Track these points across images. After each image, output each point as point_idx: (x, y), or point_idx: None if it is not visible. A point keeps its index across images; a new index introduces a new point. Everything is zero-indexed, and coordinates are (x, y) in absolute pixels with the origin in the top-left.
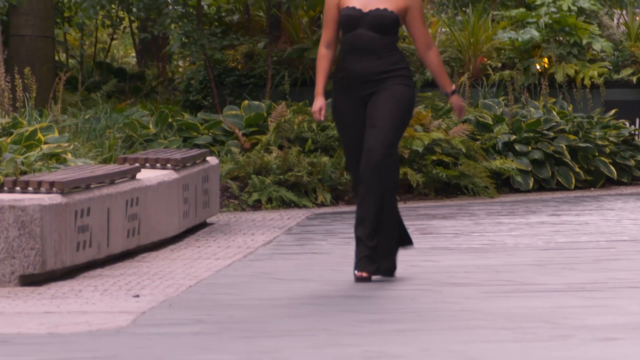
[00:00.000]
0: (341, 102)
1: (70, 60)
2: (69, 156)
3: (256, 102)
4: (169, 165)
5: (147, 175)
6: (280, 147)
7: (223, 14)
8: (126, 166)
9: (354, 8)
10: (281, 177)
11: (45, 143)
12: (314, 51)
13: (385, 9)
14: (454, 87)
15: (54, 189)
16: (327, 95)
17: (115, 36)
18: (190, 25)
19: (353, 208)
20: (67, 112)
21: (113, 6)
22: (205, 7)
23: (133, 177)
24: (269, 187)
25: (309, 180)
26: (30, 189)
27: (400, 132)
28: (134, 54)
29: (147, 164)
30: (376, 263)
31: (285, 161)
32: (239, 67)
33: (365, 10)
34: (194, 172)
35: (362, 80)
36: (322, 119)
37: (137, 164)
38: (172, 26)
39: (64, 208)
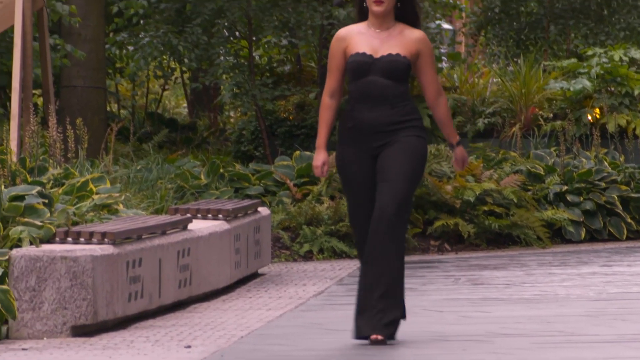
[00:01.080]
0: (349, 153)
1: (122, 111)
2: (121, 207)
3: (307, 153)
4: (220, 215)
5: (199, 226)
6: (332, 198)
7: (274, 65)
8: (178, 217)
9: (364, 54)
10: (332, 227)
11: (97, 194)
12: None
13: (397, 54)
14: (458, 138)
15: (106, 239)
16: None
17: (166, 87)
18: (242, 75)
19: (406, 258)
20: (119, 163)
21: (165, 57)
22: (257, 57)
23: (185, 228)
24: (320, 238)
25: None
26: (82, 239)
27: (413, 188)
28: (185, 105)
29: (199, 215)
30: (386, 325)
31: (337, 212)
32: (291, 117)
33: (377, 55)
34: (245, 223)
35: (374, 131)
36: (324, 174)
37: (188, 215)
38: (224, 77)
39: (116, 259)
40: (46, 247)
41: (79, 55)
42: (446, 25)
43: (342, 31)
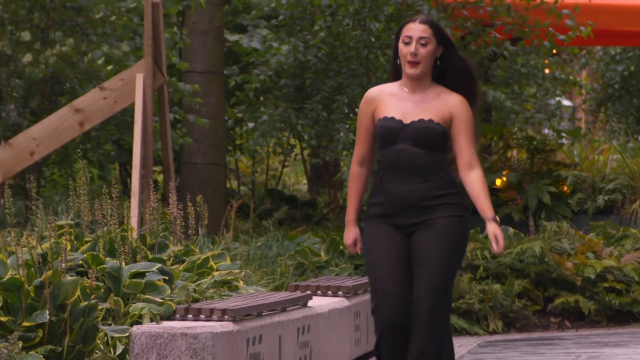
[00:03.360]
0: (377, 229)
1: (241, 188)
2: (241, 284)
3: None
4: (340, 292)
5: (319, 303)
6: None
7: None
8: (298, 294)
9: (392, 119)
10: (452, 304)
11: (217, 270)
12: (485, 178)
13: (430, 120)
14: (492, 214)
15: (226, 316)
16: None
17: (286, 163)
18: None
19: (526, 335)
20: (239, 240)
21: (284, 134)
22: None
23: (305, 305)
24: None
25: (480, 308)
26: (202, 316)
27: (453, 275)
28: (305, 181)
29: (319, 292)
30: None
31: (457, 289)
32: None
33: (407, 121)
34: (365, 300)
35: (405, 207)
36: (359, 251)
37: (308, 292)
38: (344, 153)
39: (236, 336)
40: (167, 323)
41: (203, 123)
42: (566, 102)
43: (373, 91)
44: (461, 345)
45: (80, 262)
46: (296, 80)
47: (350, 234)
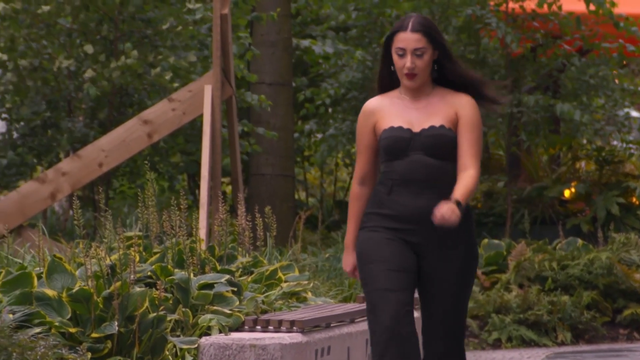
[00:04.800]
0: (379, 236)
1: (310, 199)
2: (309, 295)
3: (496, 241)
4: None
5: None
6: (520, 286)
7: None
8: (365, 304)
9: (400, 128)
10: (521, 315)
11: (286, 282)
12: (554, 189)
13: (442, 126)
14: (460, 199)
15: (295, 327)
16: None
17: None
18: None
19: (594, 347)
20: (307, 251)
21: (353, 146)
22: None
23: None
24: (509, 326)
25: (549, 319)
26: (270, 327)
27: (466, 304)
28: None
29: None
30: None
31: (525, 300)
32: (479, 205)
33: (416, 129)
34: None
35: (417, 222)
36: (359, 278)
37: None
38: None
39: (304, 347)
40: (235, 335)
41: (271, 136)
42: (635, 113)
43: (371, 102)
44: (530, 357)
45: (149, 273)
46: (363, 92)
47: (350, 259)
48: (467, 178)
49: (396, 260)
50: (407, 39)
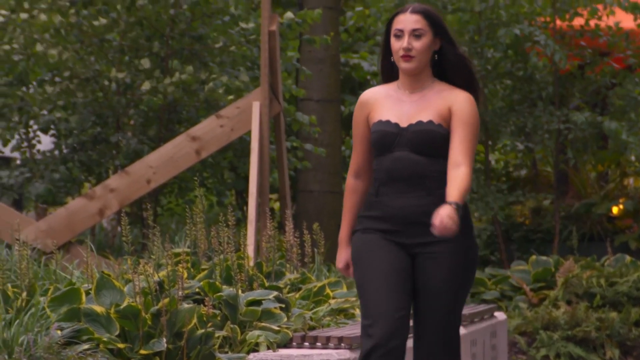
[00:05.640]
0: (372, 239)
1: None
2: (357, 311)
3: (544, 257)
4: None
5: None
6: (569, 303)
7: (510, 169)
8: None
9: (388, 122)
10: (569, 332)
11: (334, 298)
12: (602, 206)
13: (430, 122)
14: (457, 200)
15: (342, 344)
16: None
17: None
18: (478, 180)
19: None
20: None
21: None
22: (493, 162)
23: None
24: (557, 343)
25: (597, 336)
26: (318, 344)
27: (461, 308)
28: None
29: None
30: None
31: (574, 316)
32: (527, 222)
33: (404, 124)
34: (481, 328)
35: (406, 223)
36: (352, 276)
37: None
38: None
39: None
40: (283, 351)
41: (319, 152)
42: None
43: (367, 94)
44: None
45: (197, 289)
46: None
47: (343, 255)
48: (459, 177)
49: (389, 262)
50: (406, 20)
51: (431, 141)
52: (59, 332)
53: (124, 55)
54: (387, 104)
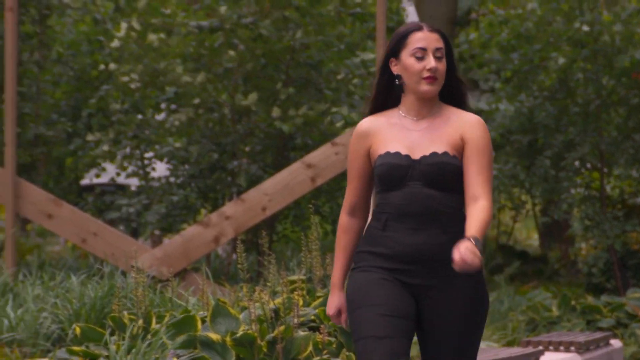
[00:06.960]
0: (373, 277)
1: None
2: None
3: None
4: (572, 348)
5: (551, 358)
6: None
7: (626, 197)
8: (530, 349)
9: (397, 154)
10: None
11: None
12: None
13: (445, 153)
14: (475, 234)
15: None
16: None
17: (517, 219)
18: (593, 208)
19: None
20: None
21: (515, 190)
22: (608, 189)
23: None
24: None
25: None
26: None
27: (478, 347)
28: (536, 236)
29: (551, 347)
30: None
31: None
32: None
33: (416, 156)
34: (597, 356)
35: (416, 262)
36: (344, 324)
37: (540, 347)
38: (574, 209)
39: None
40: None
41: None
42: None
43: (365, 123)
44: None
45: (312, 317)
46: (527, 135)
47: (335, 301)
48: (480, 211)
49: (390, 303)
50: (428, 38)
51: (446, 174)
52: (175, 359)
53: (242, 85)
54: (391, 133)
